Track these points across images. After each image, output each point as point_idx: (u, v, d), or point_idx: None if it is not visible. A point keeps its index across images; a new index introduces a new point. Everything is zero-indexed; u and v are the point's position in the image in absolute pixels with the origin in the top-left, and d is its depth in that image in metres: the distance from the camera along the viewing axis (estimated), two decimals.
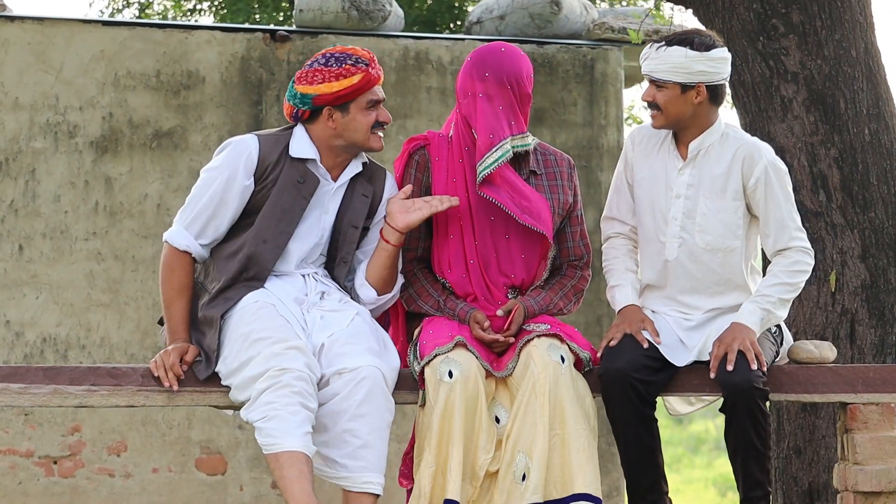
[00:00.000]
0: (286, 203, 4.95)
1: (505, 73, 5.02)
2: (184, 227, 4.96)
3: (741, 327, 4.96)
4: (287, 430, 4.68)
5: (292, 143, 4.99)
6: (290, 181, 4.95)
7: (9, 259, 8.53)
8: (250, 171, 4.95)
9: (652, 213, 5.15)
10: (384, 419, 4.79)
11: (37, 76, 8.60)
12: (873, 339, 6.35)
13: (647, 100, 5.06)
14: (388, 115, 5.03)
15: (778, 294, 5.05)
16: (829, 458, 6.32)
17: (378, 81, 5.01)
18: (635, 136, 5.22)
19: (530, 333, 4.93)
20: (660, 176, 5.14)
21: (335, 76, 4.94)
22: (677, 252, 5.11)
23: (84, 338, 8.57)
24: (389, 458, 4.85)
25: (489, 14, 9.39)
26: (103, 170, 8.64)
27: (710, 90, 5.04)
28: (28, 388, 4.90)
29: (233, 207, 4.95)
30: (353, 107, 4.97)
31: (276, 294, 4.92)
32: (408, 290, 5.12)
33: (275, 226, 4.95)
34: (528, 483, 4.77)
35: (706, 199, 5.08)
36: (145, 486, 8.62)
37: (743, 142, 5.10)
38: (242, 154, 4.95)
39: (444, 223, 5.08)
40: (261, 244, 4.93)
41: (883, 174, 6.41)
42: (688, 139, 5.10)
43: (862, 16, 6.50)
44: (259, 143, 4.98)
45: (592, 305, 9.00)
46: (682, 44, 5.00)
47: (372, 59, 5.00)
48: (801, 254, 5.09)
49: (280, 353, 4.75)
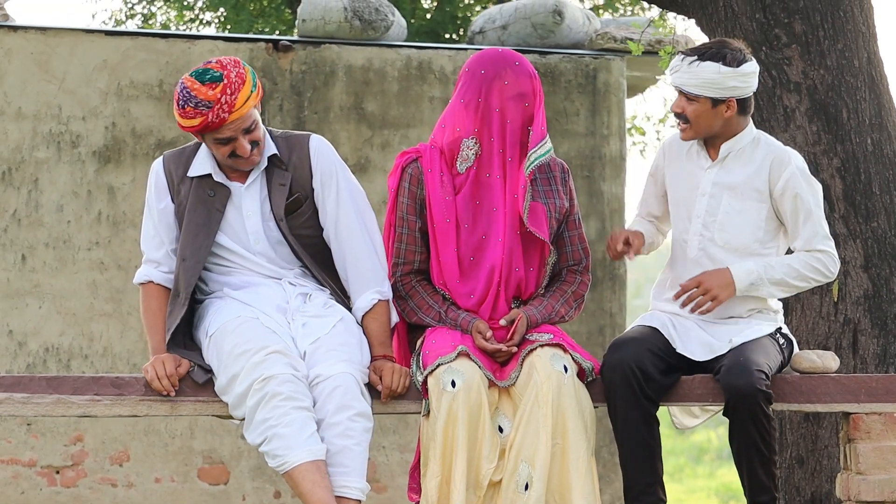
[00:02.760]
0: (200, 219, 5.00)
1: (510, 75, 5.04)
2: (143, 262, 5.09)
3: (725, 280, 5.04)
4: (289, 446, 4.69)
5: (194, 162, 5.04)
6: (200, 197, 5.01)
7: (12, 269, 8.54)
8: (163, 191, 5.04)
9: (678, 213, 5.21)
10: (360, 425, 4.79)
11: (40, 86, 8.61)
12: (876, 349, 6.35)
13: (677, 111, 5.08)
14: (246, 146, 4.92)
15: (784, 274, 5.08)
16: (832, 467, 6.32)
17: (221, 124, 4.88)
18: (665, 147, 5.30)
19: (533, 343, 4.94)
20: (689, 175, 5.19)
21: (179, 114, 4.92)
22: (697, 251, 5.14)
23: (87, 347, 8.58)
24: (391, 469, 4.85)
25: (492, 24, 9.41)
26: (106, 179, 8.65)
27: (740, 103, 5.08)
28: (31, 398, 4.90)
29: (164, 231, 5.05)
30: (207, 138, 4.96)
31: (258, 306, 4.95)
32: (408, 303, 5.12)
33: (192, 242, 5.00)
34: (530, 493, 4.78)
35: (730, 198, 5.12)
36: (148, 496, 8.62)
37: (774, 147, 5.16)
38: (153, 178, 5.08)
39: (444, 234, 5.08)
40: (182, 262, 5.00)
41: (885, 184, 6.41)
42: (718, 143, 5.15)
43: (864, 26, 6.50)
44: (164, 162, 5.07)
45: (595, 315, 9.00)
46: (714, 59, 5.01)
47: (217, 101, 4.86)
48: (828, 258, 5.13)
49: (261, 360, 4.77)
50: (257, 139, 4.94)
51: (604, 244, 9.18)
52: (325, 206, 5.04)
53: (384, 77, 8.97)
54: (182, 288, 4.99)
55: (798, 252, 5.13)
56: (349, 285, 5.06)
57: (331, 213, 5.04)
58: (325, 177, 5.05)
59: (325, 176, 5.05)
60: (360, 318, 5.03)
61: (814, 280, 5.13)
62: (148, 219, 5.09)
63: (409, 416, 5.00)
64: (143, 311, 5.07)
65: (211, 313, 5.00)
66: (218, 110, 4.85)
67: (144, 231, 5.10)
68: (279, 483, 8.68)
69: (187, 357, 4.96)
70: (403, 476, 8.46)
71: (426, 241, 5.13)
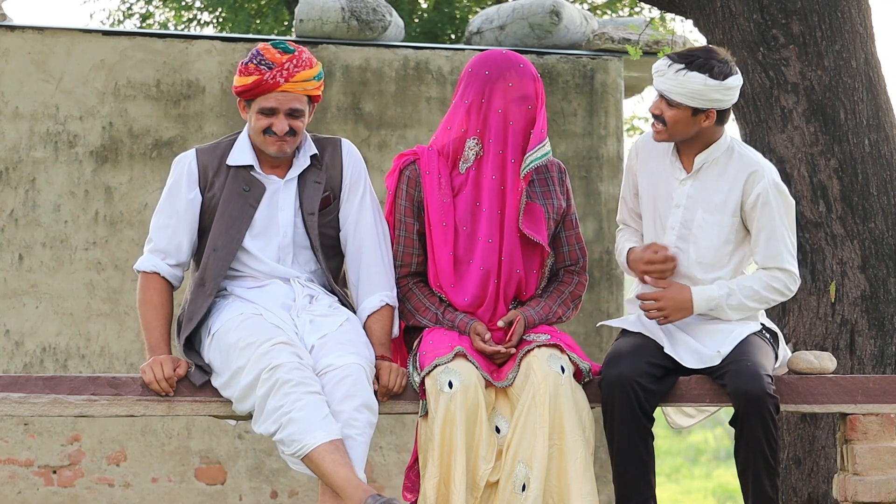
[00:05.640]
0: (234, 211, 4.99)
1: (515, 76, 5.05)
2: (148, 251, 5.04)
3: (684, 303, 5.02)
4: (305, 429, 4.67)
5: (232, 152, 5.04)
6: (236, 190, 5.00)
7: (9, 269, 8.53)
8: (193, 182, 5.02)
9: (653, 221, 5.18)
10: (365, 418, 4.78)
11: (37, 86, 8.60)
12: (873, 350, 6.34)
13: (656, 113, 5.06)
14: (284, 126, 4.94)
15: (744, 297, 5.06)
16: (829, 468, 6.32)
17: (273, 89, 4.93)
18: (638, 146, 5.24)
19: (530, 344, 4.94)
20: (662, 184, 5.15)
21: (240, 71, 4.97)
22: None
23: (84, 347, 8.57)
24: (388, 469, 4.84)
25: (489, 24, 9.40)
26: (103, 179, 8.64)
27: (719, 113, 5.06)
28: (28, 398, 4.90)
29: (186, 221, 5.01)
30: (253, 106, 4.98)
31: (262, 303, 4.95)
32: (405, 304, 5.12)
33: (225, 233, 4.99)
34: (527, 493, 4.77)
35: (704, 212, 5.09)
36: (145, 496, 8.62)
37: (749, 159, 5.11)
38: (183, 168, 5.04)
39: (441, 237, 5.08)
40: (212, 253, 4.98)
41: (883, 185, 6.41)
42: (692, 152, 5.11)
43: (862, 26, 6.50)
44: (197, 154, 5.05)
45: (592, 316, 9.00)
46: (701, 70, 4.98)
47: (280, 66, 4.92)
48: (787, 276, 5.09)
49: (266, 351, 4.76)
50: (297, 130, 4.97)
51: (601, 244, 9.21)
52: (349, 206, 5.08)
53: (381, 77, 8.96)
54: (210, 278, 4.98)
55: (759, 270, 5.11)
56: (359, 286, 5.07)
57: (353, 214, 5.08)
58: (354, 178, 5.10)
59: (355, 177, 5.11)
60: (364, 318, 5.04)
61: (772, 300, 5.10)
62: (167, 208, 5.04)
63: (406, 416, 5.00)
64: (141, 302, 5.03)
65: (214, 312, 5.00)
66: (276, 73, 4.90)
67: (158, 220, 5.05)
68: (276, 483, 8.68)
69: (188, 357, 4.96)
70: (400, 476, 8.45)
71: (423, 243, 5.13)
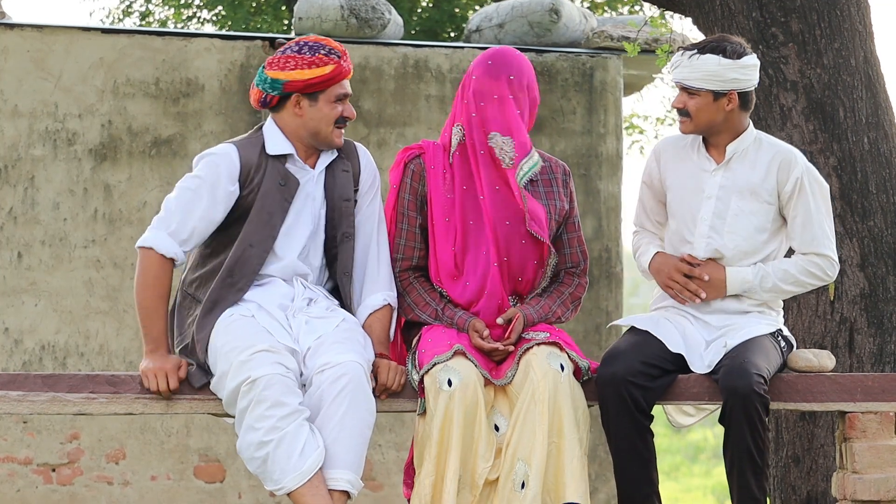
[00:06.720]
0: (271, 207, 4.95)
1: (525, 76, 5.06)
2: (167, 233, 4.88)
3: (719, 279, 5.08)
4: (283, 469, 4.68)
5: (267, 142, 4.99)
6: (273, 184, 4.95)
7: (8, 266, 8.53)
8: (234, 177, 4.94)
9: (681, 215, 5.18)
10: (360, 417, 4.77)
11: (36, 83, 8.60)
12: (872, 348, 6.35)
13: (678, 107, 5.08)
14: (353, 111, 5.02)
15: (778, 279, 5.09)
16: (828, 466, 6.32)
17: (348, 75, 4.99)
18: (658, 150, 5.26)
19: (530, 341, 4.94)
20: (691, 178, 5.17)
21: (307, 64, 4.93)
22: (704, 253, 5.12)
23: (83, 345, 8.57)
24: (388, 467, 4.84)
25: (488, 22, 9.40)
26: (102, 177, 8.64)
27: (741, 96, 5.09)
28: (27, 396, 4.90)
29: (218, 213, 4.93)
30: (322, 97, 4.97)
31: (259, 302, 4.92)
32: (405, 299, 5.12)
33: (262, 229, 4.94)
34: (527, 491, 4.77)
35: (738, 201, 5.12)
36: (144, 494, 8.62)
37: (778, 147, 5.16)
38: (224, 161, 4.94)
39: (443, 232, 5.08)
40: (248, 248, 4.93)
41: (882, 183, 6.41)
42: (721, 143, 5.15)
43: (861, 25, 6.50)
44: (237, 148, 4.98)
45: (591, 314, 9.00)
46: (714, 51, 5.04)
47: (344, 53, 4.97)
48: (824, 261, 5.14)
49: (246, 360, 4.73)
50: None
51: (600, 242, 9.20)
52: (362, 203, 5.09)
53: (381, 75, 8.96)
54: (244, 274, 4.91)
55: (796, 255, 5.14)
56: (362, 285, 5.07)
57: (364, 212, 5.09)
58: (369, 177, 5.12)
59: (370, 176, 5.12)
60: (365, 316, 5.04)
61: (809, 284, 5.14)
62: (199, 194, 4.89)
63: (404, 414, 5.00)
64: (148, 286, 4.87)
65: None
66: (347, 59, 4.96)
67: (182, 204, 4.88)
68: None
69: (188, 357, 4.95)
70: (399, 474, 8.44)
71: (426, 237, 5.13)
